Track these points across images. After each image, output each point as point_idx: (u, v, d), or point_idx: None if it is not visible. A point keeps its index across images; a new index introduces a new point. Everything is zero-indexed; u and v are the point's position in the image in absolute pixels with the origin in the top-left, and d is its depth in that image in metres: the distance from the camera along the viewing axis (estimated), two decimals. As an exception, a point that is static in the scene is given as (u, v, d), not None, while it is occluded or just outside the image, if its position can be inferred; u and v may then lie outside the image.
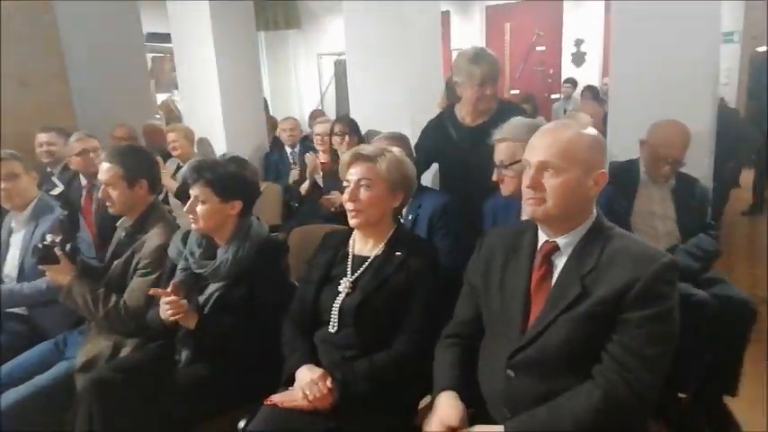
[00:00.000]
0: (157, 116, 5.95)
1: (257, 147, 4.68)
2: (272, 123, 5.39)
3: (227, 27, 4.35)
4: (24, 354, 2.09)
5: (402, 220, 2.27)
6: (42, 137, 3.66)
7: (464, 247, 2.07)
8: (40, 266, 2.03)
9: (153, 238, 2.06)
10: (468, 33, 7.82)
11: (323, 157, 3.91)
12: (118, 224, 2.20)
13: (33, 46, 4.66)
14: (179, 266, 1.94)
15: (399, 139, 2.43)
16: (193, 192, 1.87)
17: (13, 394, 1.86)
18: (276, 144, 5.05)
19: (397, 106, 3.55)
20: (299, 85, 9.38)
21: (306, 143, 4.65)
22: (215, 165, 1.91)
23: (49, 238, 2.03)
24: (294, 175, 4.03)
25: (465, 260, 1.62)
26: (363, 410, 1.58)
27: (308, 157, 3.79)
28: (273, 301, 1.88)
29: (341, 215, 3.03)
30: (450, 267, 1.94)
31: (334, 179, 3.32)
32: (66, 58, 4.78)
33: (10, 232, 2.37)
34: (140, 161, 2.14)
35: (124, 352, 1.97)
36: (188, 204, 1.87)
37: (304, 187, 3.77)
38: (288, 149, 4.74)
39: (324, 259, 1.83)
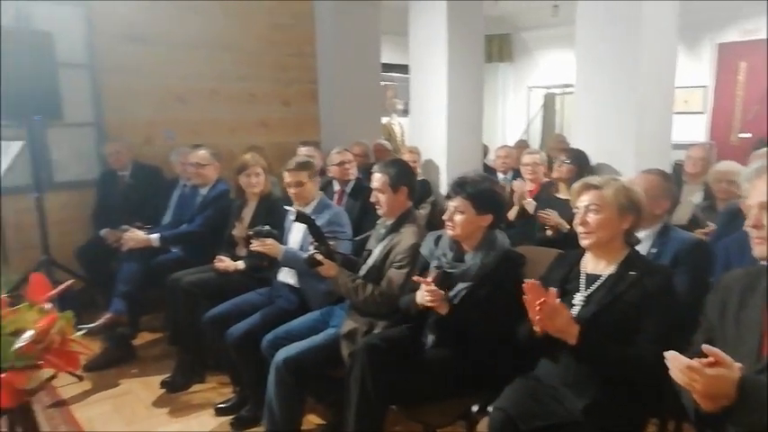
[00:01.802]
0: (382, 137, 6.61)
1: (473, 171, 4.96)
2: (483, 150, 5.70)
3: (459, 58, 4.63)
4: (299, 318, 2.61)
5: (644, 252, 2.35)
6: (302, 150, 4.38)
7: (703, 288, 2.10)
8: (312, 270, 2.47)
9: (408, 238, 2.41)
10: (695, 71, 7.36)
11: (530, 185, 4.08)
12: (378, 222, 2.61)
13: (295, 73, 5.57)
14: (432, 264, 2.25)
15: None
16: (453, 203, 2.17)
17: (296, 347, 2.36)
18: (486, 169, 5.33)
19: (621, 139, 3.55)
20: (506, 115, 9.64)
21: (517, 171, 4.84)
22: (475, 181, 2.19)
23: (310, 250, 2.47)
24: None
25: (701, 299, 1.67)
26: (604, 412, 1.74)
27: (516, 184, 3.97)
28: (511, 304, 2.10)
29: (556, 241, 3.18)
30: (688, 304, 1.98)
31: (546, 204, 3.48)
32: (320, 83, 5.61)
33: (292, 221, 2.92)
34: (402, 171, 2.52)
35: (377, 329, 2.34)
36: (447, 213, 2.19)
37: (511, 213, 3.96)
38: (500, 175, 4.98)
39: (558, 275, 2.02)
